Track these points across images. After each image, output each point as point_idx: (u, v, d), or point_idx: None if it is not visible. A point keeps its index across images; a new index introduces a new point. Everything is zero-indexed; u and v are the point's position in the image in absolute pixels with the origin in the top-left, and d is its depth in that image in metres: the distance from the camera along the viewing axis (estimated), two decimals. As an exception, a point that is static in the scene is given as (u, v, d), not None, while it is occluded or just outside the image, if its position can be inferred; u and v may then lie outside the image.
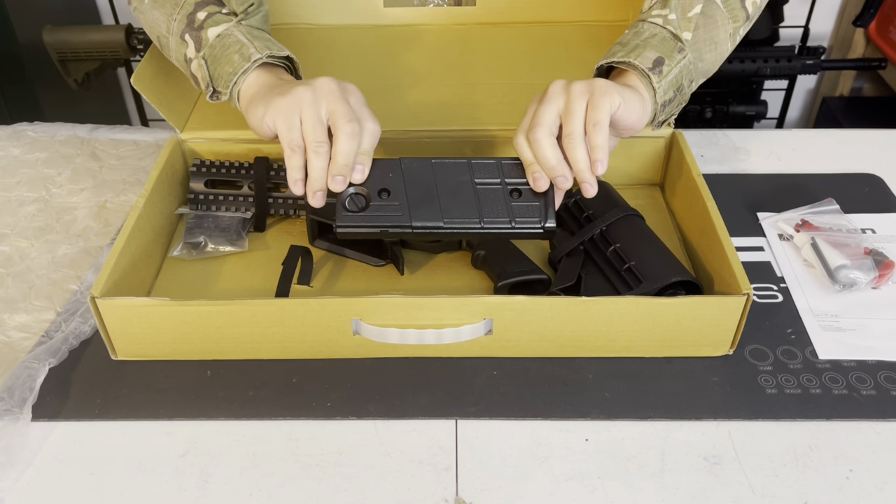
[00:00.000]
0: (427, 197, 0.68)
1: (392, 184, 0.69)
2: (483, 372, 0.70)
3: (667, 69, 0.71)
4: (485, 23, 1.07)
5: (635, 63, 0.70)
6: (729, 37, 0.75)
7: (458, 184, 0.69)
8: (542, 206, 0.68)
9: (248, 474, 0.63)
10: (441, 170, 0.69)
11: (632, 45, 0.72)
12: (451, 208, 0.68)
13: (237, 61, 0.73)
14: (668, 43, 0.72)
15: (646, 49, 0.71)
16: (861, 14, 1.75)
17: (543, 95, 0.68)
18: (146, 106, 1.93)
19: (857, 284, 0.77)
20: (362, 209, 0.68)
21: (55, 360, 0.71)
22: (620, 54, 0.71)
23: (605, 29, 1.06)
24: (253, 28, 0.76)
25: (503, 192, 0.68)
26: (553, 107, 0.66)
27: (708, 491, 0.61)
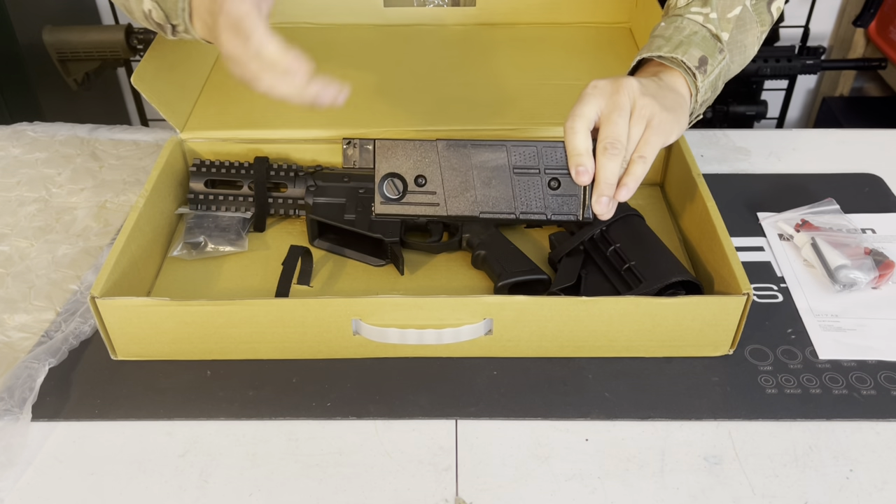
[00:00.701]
0: (463, 185, 0.67)
1: (428, 169, 0.67)
2: (483, 372, 0.70)
3: (710, 69, 0.70)
4: (484, 23, 1.07)
5: (683, 60, 0.69)
6: (756, 41, 0.75)
7: (494, 170, 0.67)
8: (580, 198, 0.66)
9: (248, 474, 0.63)
10: (478, 154, 0.67)
11: (676, 41, 0.70)
12: (488, 198, 0.67)
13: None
14: (709, 42, 0.71)
15: (690, 46, 0.70)
16: (861, 14, 1.75)
17: (614, 95, 0.65)
18: (146, 106, 1.93)
19: (857, 284, 0.77)
20: (399, 198, 0.67)
21: (55, 360, 0.71)
22: (666, 49, 0.70)
23: (604, 30, 1.06)
24: None
25: (541, 181, 0.66)
26: (624, 119, 0.64)
27: (708, 491, 0.61)
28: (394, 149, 0.69)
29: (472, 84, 0.94)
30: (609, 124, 0.64)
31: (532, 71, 0.97)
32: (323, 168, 0.85)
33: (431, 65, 0.98)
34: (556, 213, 0.66)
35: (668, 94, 0.68)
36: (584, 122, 0.65)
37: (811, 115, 2.06)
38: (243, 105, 0.92)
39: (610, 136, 0.64)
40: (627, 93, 0.65)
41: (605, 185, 0.65)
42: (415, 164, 0.67)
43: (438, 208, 0.66)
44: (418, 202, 0.67)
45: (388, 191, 0.67)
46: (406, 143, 0.69)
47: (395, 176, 0.67)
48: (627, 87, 0.65)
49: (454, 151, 0.67)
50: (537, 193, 0.66)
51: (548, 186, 0.66)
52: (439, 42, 1.03)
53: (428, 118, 0.88)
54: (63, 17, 1.69)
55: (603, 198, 0.65)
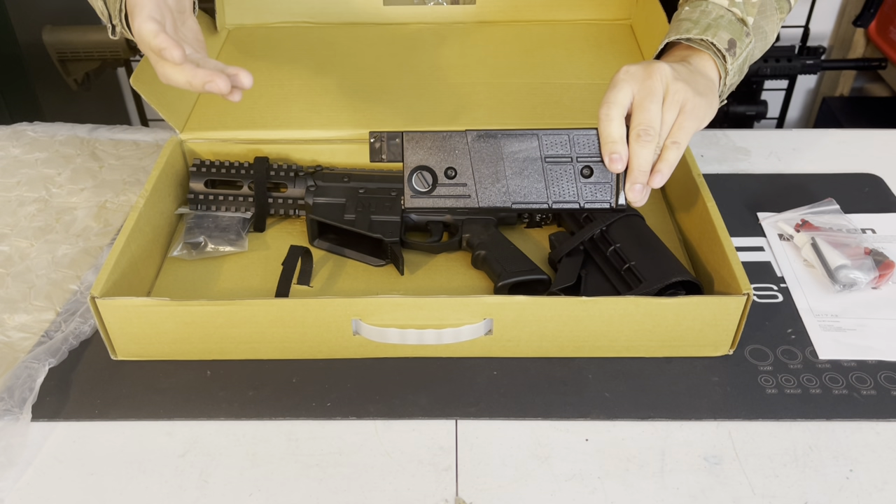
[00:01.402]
0: (494, 176, 0.66)
1: (458, 161, 0.66)
2: (483, 372, 0.70)
3: (738, 51, 0.70)
4: (484, 21, 1.07)
5: (713, 42, 0.69)
6: (776, 27, 0.75)
7: (526, 160, 0.66)
8: (612, 185, 0.65)
9: (248, 474, 0.63)
10: (509, 145, 0.66)
11: (704, 24, 0.70)
12: (520, 188, 0.65)
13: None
14: (735, 26, 0.71)
15: (719, 29, 0.70)
16: (861, 14, 1.75)
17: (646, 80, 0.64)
18: (146, 106, 1.93)
19: (857, 284, 0.77)
20: (429, 190, 0.66)
21: (55, 360, 0.71)
22: (696, 31, 0.70)
23: (604, 28, 1.06)
24: None
25: (573, 169, 0.65)
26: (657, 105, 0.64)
27: (708, 491, 0.61)
28: (422, 141, 0.67)
29: (473, 83, 0.94)
30: (642, 111, 0.63)
31: (533, 69, 0.97)
32: (323, 168, 0.85)
33: (431, 64, 0.98)
34: (588, 201, 0.65)
35: (699, 79, 0.68)
36: (618, 109, 0.64)
37: (811, 115, 2.06)
38: (243, 105, 0.92)
39: (643, 122, 0.63)
40: (660, 78, 0.64)
41: (639, 173, 0.64)
42: (444, 156, 0.66)
43: (469, 200, 0.65)
44: (449, 195, 0.66)
45: (417, 184, 0.66)
46: (434, 135, 0.67)
47: (425, 169, 0.66)
48: (660, 72, 0.64)
49: (484, 142, 0.67)
50: (570, 182, 0.65)
51: (580, 174, 0.65)
52: (439, 41, 1.03)
53: (428, 118, 0.88)
54: (63, 17, 1.69)
55: (637, 185, 0.64)
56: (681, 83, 0.65)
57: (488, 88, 0.93)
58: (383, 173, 0.85)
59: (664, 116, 0.64)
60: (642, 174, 0.64)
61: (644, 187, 0.65)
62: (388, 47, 1.02)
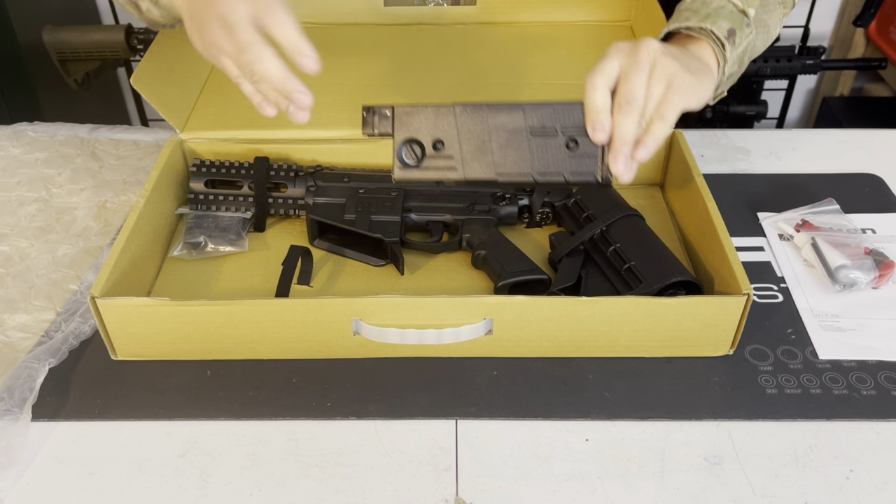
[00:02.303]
0: (480, 149, 0.66)
1: (446, 133, 0.66)
2: (483, 372, 0.70)
3: (738, 40, 0.71)
4: (485, 22, 1.07)
5: (712, 31, 0.69)
6: (778, 21, 0.75)
7: (512, 132, 0.66)
8: (597, 158, 0.64)
9: (248, 474, 0.63)
10: (495, 117, 0.66)
11: (703, 13, 0.71)
12: (505, 160, 0.65)
13: None
14: (736, 16, 0.71)
15: (719, 18, 0.70)
16: (861, 14, 1.75)
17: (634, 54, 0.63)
18: (146, 106, 1.92)
19: (857, 284, 0.77)
20: (417, 163, 0.66)
21: (55, 360, 0.71)
22: (695, 20, 0.70)
23: (605, 29, 1.06)
24: None
25: (559, 142, 0.65)
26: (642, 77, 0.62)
27: (708, 491, 0.61)
28: (412, 115, 0.67)
29: (473, 83, 0.94)
30: (626, 82, 0.63)
31: (533, 70, 0.97)
32: (323, 168, 0.85)
33: (432, 64, 0.98)
34: (574, 173, 0.65)
35: (692, 60, 0.68)
36: (603, 79, 0.63)
37: (811, 115, 2.06)
38: (243, 105, 0.91)
39: (626, 93, 0.62)
40: (648, 52, 0.63)
41: (621, 143, 0.63)
42: (433, 129, 0.66)
43: (456, 172, 0.66)
44: (436, 167, 0.66)
45: (406, 157, 0.66)
46: (425, 109, 0.67)
47: (414, 142, 0.66)
48: (648, 45, 0.63)
49: (471, 115, 0.66)
50: (555, 154, 0.65)
51: (566, 147, 0.65)
52: (439, 41, 1.03)
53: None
54: (63, 17, 1.69)
55: (620, 156, 0.63)
56: (669, 59, 0.64)
57: (489, 88, 0.93)
58: (383, 173, 0.85)
59: (651, 90, 0.63)
60: (625, 145, 0.63)
61: (629, 160, 0.63)
62: (388, 48, 1.02)
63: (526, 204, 0.84)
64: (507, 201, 0.83)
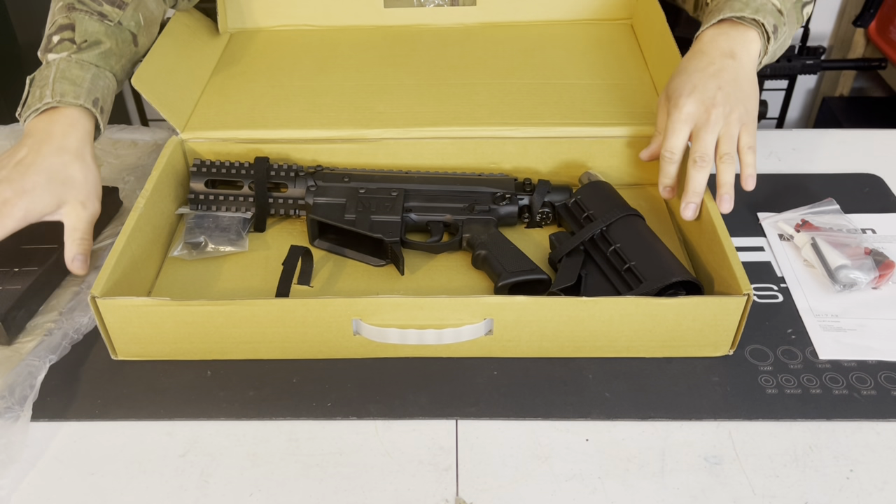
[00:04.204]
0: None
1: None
2: (483, 372, 0.70)
3: (779, 36, 0.79)
4: (485, 23, 1.07)
5: (763, 23, 0.77)
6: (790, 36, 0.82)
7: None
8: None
9: (248, 474, 0.63)
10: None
11: (754, 7, 0.78)
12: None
13: (37, 97, 0.78)
14: (776, 15, 0.79)
15: (766, 14, 0.78)
16: (861, 14, 1.75)
17: (705, 119, 0.74)
18: (146, 106, 1.92)
19: (857, 284, 0.77)
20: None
21: (55, 357, 0.71)
22: (748, 11, 0.78)
23: (605, 27, 1.06)
24: (83, 62, 0.80)
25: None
26: (713, 135, 0.74)
27: (708, 491, 0.61)
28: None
29: (473, 84, 0.94)
30: (698, 140, 0.74)
31: (533, 70, 0.97)
32: (323, 168, 0.85)
33: (432, 65, 0.98)
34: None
35: (744, 83, 0.76)
36: (679, 155, 0.76)
37: (811, 115, 2.06)
38: (243, 105, 0.92)
39: (699, 150, 0.74)
40: (717, 111, 0.74)
41: (694, 194, 0.75)
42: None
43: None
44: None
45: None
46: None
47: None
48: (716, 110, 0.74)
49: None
50: None
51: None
52: (440, 42, 1.03)
53: (428, 119, 0.88)
54: (63, 16, 1.69)
55: (691, 204, 0.75)
56: (736, 112, 0.74)
57: (489, 89, 0.93)
58: (383, 173, 0.85)
59: (731, 131, 0.74)
60: (697, 195, 0.75)
61: (697, 207, 0.75)
62: (388, 49, 1.02)
63: (526, 204, 0.84)
64: (507, 201, 0.83)
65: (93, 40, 0.81)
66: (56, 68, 0.79)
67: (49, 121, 0.77)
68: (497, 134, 0.87)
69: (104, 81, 0.81)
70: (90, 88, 0.79)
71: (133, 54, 0.87)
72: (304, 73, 0.98)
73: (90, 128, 0.79)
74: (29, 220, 0.73)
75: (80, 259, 0.75)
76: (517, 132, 0.87)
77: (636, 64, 0.98)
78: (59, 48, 0.80)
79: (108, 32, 0.83)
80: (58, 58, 0.80)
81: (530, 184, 0.85)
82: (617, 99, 0.91)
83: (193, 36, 0.98)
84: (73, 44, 0.80)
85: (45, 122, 0.77)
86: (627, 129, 0.86)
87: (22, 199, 0.72)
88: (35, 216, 0.73)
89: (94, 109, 0.79)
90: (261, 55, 1.01)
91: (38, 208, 0.73)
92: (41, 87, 0.78)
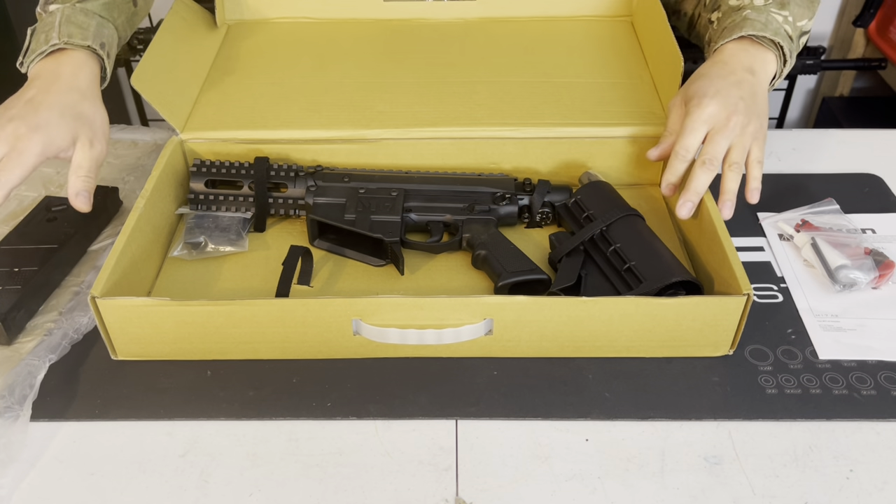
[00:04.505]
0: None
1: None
2: (483, 372, 0.70)
3: (789, 62, 0.83)
4: (485, 18, 1.07)
5: (782, 45, 0.81)
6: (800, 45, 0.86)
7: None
8: None
9: (248, 474, 0.63)
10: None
11: (773, 29, 0.81)
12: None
13: (42, 40, 0.77)
14: (788, 41, 0.82)
15: (784, 38, 0.81)
16: (861, 14, 1.75)
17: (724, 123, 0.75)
18: (146, 106, 1.92)
19: (857, 284, 0.77)
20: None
21: (55, 357, 0.71)
22: (769, 32, 0.81)
23: (605, 23, 1.06)
24: (87, 10, 0.79)
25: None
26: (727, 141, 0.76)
27: (708, 491, 0.61)
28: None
29: (473, 83, 0.94)
30: (712, 143, 0.75)
31: (533, 67, 0.97)
32: (323, 168, 0.85)
33: (432, 62, 0.98)
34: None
35: (759, 99, 0.78)
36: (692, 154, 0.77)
37: (811, 115, 2.06)
38: (243, 105, 0.92)
39: (710, 153, 0.75)
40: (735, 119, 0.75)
41: (694, 193, 0.75)
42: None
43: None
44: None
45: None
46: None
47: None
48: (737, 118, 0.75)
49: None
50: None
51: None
52: (439, 37, 1.03)
53: (428, 117, 0.88)
54: (63, 16, 1.69)
55: (688, 203, 0.75)
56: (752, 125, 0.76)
57: (489, 87, 0.93)
58: (383, 173, 0.85)
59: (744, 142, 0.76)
60: (696, 195, 0.75)
61: (694, 206, 0.75)
62: (388, 44, 1.02)
63: (526, 204, 0.84)
64: (507, 201, 0.83)
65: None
66: (61, 14, 0.79)
67: (56, 62, 0.77)
68: (497, 134, 0.87)
69: (108, 30, 0.82)
70: (96, 33, 0.80)
71: (132, 14, 0.87)
72: (304, 69, 0.97)
73: (97, 70, 0.80)
74: (47, 154, 0.72)
75: (84, 195, 0.74)
76: (517, 132, 0.87)
77: (636, 62, 0.98)
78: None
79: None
80: (61, 7, 0.80)
81: (530, 184, 0.85)
82: (617, 98, 0.91)
83: (191, 30, 0.98)
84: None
85: (52, 63, 0.77)
86: (627, 129, 0.86)
87: (37, 133, 0.72)
88: (53, 151, 0.73)
89: (101, 52, 0.79)
90: (259, 49, 1.01)
91: (55, 142, 0.73)
92: (45, 32, 0.78)
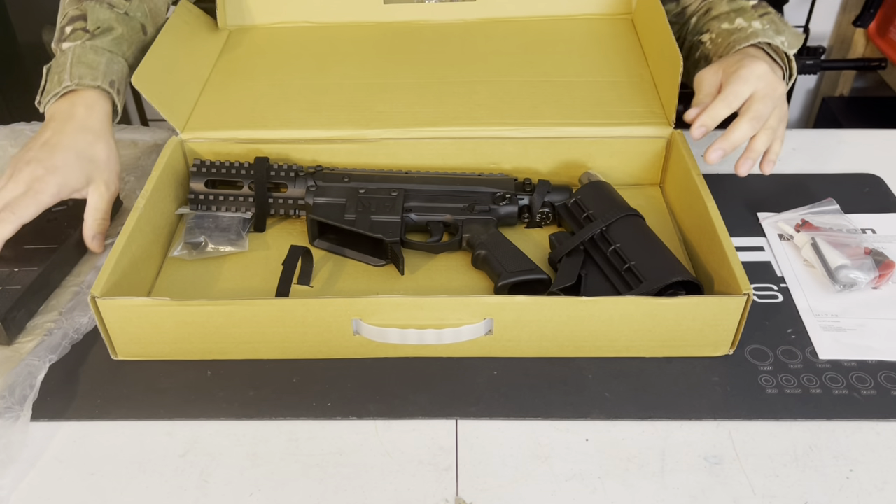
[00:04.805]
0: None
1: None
2: (483, 372, 0.70)
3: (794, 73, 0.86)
4: (485, 18, 1.07)
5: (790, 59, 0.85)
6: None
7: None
8: None
9: (248, 474, 0.63)
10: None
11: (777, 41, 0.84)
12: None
13: (56, 82, 0.81)
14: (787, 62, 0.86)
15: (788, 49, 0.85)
16: (861, 14, 1.75)
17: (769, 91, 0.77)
18: (146, 106, 1.93)
19: (857, 284, 0.77)
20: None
21: (55, 357, 0.71)
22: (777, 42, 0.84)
23: (605, 22, 1.06)
24: (97, 48, 0.84)
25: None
26: (772, 104, 0.77)
27: (708, 491, 0.61)
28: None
29: (473, 82, 0.94)
30: (762, 103, 0.76)
31: (534, 66, 0.97)
32: (323, 168, 0.85)
33: (432, 62, 0.98)
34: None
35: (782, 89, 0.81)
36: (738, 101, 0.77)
37: (811, 115, 2.06)
38: (243, 105, 0.92)
39: (761, 112, 0.76)
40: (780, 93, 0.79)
41: (729, 143, 0.76)
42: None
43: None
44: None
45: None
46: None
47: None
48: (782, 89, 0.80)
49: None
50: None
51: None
52: (440, 38, 1.03)
53: (429, 117, 0.88)
54: (63, 16, 1.69)
55: (719, 150, 0.76)
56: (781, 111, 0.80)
57: (489, 88, 0.93)
58: (383, 173, 0.85)
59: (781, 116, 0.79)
60: (731, 146, 0.75)
61: (726, 154, 0.76)
62: (388, 46, 1.02)
63: (526, 204, 0.84)
64: (507, 201, 0.83)
65: (105, 27, 0.86)
66: (72, 54, 0.82)
67: (70, 103, 0.81)
68: (497, 134, 0.87)
69: (118, 66, 0.85)
70: (106, 71, 0.83)
71: (142, 42, 0.91)
72: (304, 71, 0.98)
73: (109, 109, 0.83)
74: (62, 195, 0.77)
75: (100, 238, 0.80)
76: (517, 132, 0.87)
77: (637, 60, 0.97)
78: (72, 37, 0.84)
79: (119, 19, 0.87)
80: (73, 45, 0.83)
81: (530, 184, 0.85)
82: (617, 98, 0.91)
83: (193, 33, 0.98)
84: (85, 32, 0.84)
85: (65, 104, 0.81)
86: (627, 128, 0.86)
87: (54, 175, 0.76)
88: (67, 192, 0.77)
89: (112, 91, 0.83)
90: (260, 53, 1.01)
91: (70, 184, 0.77)
92: (59, 73, 0.81)
